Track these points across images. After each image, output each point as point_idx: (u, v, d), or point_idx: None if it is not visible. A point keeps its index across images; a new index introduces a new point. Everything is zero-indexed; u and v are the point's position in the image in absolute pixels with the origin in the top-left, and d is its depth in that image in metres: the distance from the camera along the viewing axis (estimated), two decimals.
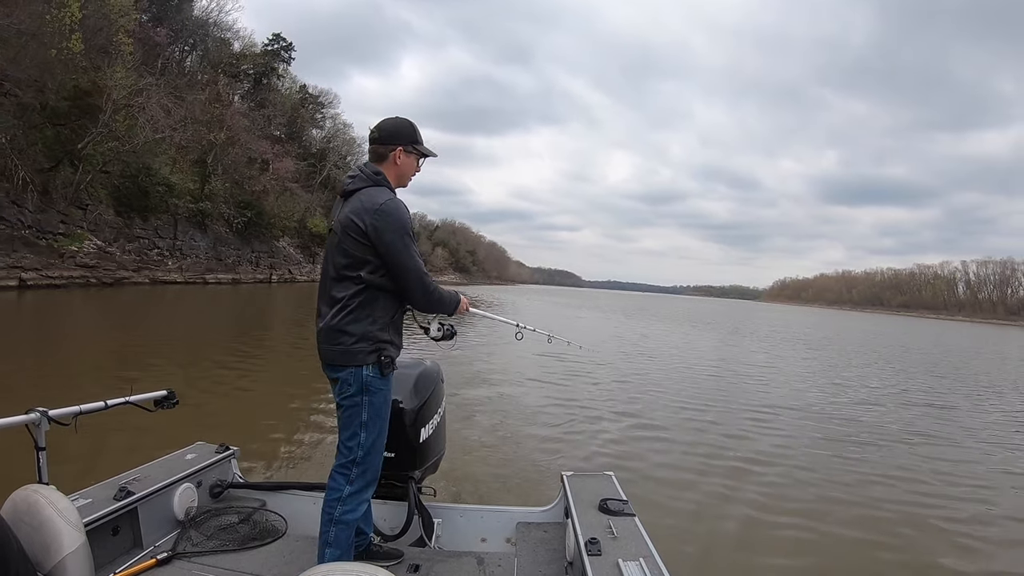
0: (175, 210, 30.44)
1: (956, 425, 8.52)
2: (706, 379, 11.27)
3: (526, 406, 7.52)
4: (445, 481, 3.98)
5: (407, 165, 2.12)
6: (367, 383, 1.96)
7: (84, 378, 7.62)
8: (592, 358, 12.11)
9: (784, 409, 8.52)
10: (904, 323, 74.53)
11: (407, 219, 1.99)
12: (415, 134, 2.12)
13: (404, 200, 2.08)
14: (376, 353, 1.96)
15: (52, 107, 23.10)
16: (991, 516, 4.80)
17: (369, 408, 1.98)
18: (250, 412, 6.33)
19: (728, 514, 4.42)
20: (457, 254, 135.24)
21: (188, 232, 31.55)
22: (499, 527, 2.57)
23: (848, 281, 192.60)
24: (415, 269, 1.98)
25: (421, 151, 2.15)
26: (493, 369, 10.29)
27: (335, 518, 1.97)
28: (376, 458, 2.04)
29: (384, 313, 2.00)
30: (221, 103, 36.48)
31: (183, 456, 2.62)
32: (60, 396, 5.39)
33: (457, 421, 5.80)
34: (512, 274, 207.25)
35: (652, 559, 1.77)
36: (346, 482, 1.99)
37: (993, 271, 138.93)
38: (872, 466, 5.90)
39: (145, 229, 28.66)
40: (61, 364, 8.46)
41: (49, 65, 20.83)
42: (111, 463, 3.28)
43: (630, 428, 6.80)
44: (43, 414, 1.77)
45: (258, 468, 4.42)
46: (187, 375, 8.00)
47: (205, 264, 32.29)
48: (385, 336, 1.99)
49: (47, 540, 1.49)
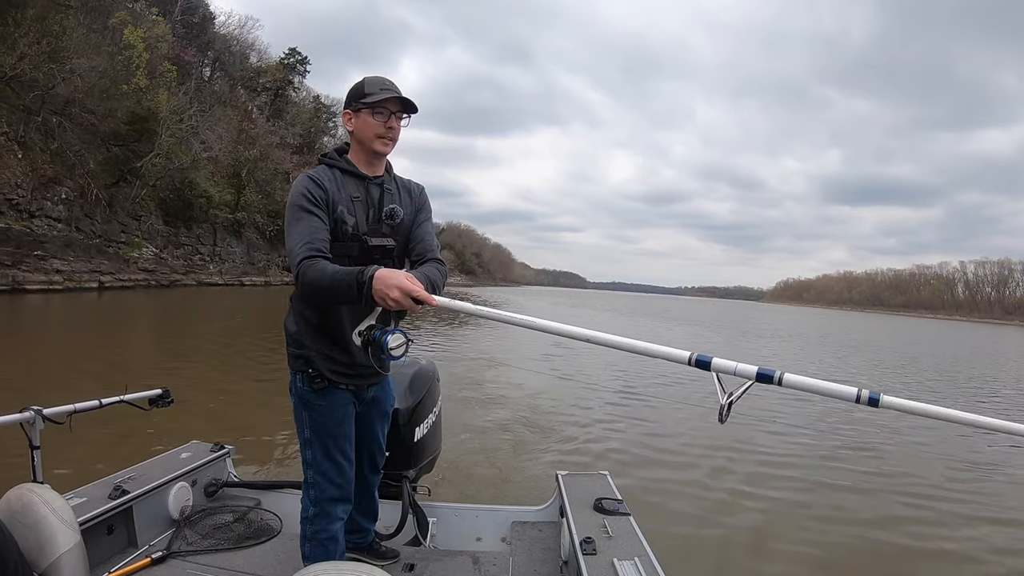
0: (214, 219, 33.72)
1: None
2: (704, 380, 11.96)
3: (523, 404, 7.54)
4: (440, 480, 3.88)
5: (361, 125, 1.70)
6: (301, 395, 1.75)
7: (138, 366, 8.81)
8: (593, 357, 12.40)
9: (785, 410, 8.51)
10: (907, 324, 74.94)
11: (296, 193, 1.63)
12: (360, 90, 1.69)
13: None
14: (301, 361, 1.71)
15: (114, 130, 26.39)
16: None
17: (309, 424, 1.76)
18: (247, 411, 6.31)
19: (725, 514, 4.41)
20: (463, 256, 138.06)
21: (225, 239, 34.86)
22: (494, 526, 2.56)
23: (849, 282, 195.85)
24: (289, 248, 1.57)
25: (369, 102, 1.66)
26: (490, 367, 10.30)
27: (308, 536, 1.86)
28: (333, 479, 1.80)
29: (308, 311, 1.72)
30: (250, 120, 39.75)
31: (178, 455, 2.60)
32: (136, 378, 6.59)
33: (453, 420, 5.78)
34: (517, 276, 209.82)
35: (647, 558, 1.75)
36: (310, 503, 1.84)
37: (990, 271, 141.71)
38: (873, 474, 5.70)
39: (189, 237, 31.92)
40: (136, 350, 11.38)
41: (118, 96, 24.06)
42: (106, 462, 3.32)
43: (629, 428, 6.82)
44: (37, 412, 1.74)
45: (253, 467, 4.38)
46: (194, 373, 8.24)
47: (241, 268, 35.63)
48: (307, 342, 1.71)
49: (42, 539, 1.49)
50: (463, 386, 8.24)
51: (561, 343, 11.90)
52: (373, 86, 1.69)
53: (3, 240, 18.78)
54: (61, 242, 21.60)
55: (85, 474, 2.56)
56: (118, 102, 24.82)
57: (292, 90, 57.25)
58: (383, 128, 1.70)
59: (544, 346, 12.92)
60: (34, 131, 21.91)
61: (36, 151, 21.99)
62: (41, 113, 21.80)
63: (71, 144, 23.07)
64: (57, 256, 21.04)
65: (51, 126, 22.26)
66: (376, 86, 1.69)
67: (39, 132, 22.19)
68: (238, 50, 48.62)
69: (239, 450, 3.01)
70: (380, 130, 1.70)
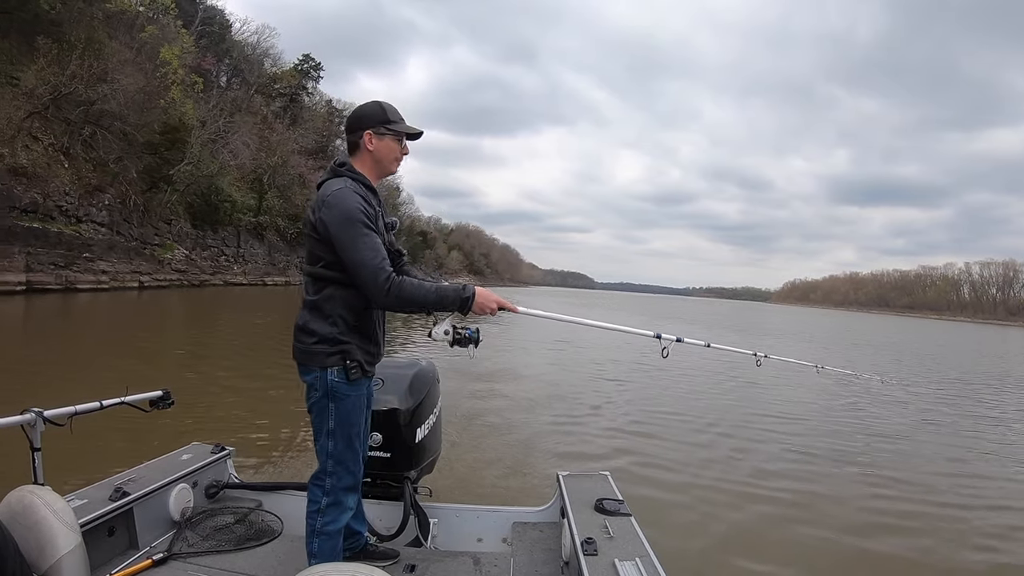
0: (238, 223, 35.70)
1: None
2: (707, 379, 11.08)
3: (523, 406, 7.60)
4: (441, 481, 3.91)
5: (383, 148, 1.91)
6: (332, 388, 1.86)
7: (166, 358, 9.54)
8: (595, 356, 12.50)
9: (788, 409, 8.56)
10: (915, 325, 75.06)
11: (353, 208, 1.78)
12: (383, 114, 1.92)
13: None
14: (339, 355, 1.85)
15: (149, 140, 28.25)
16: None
17: (336, 415, 1.88)
18: (246, 411, 6.33)
19: (726, 515, 4.42)
20: (471, 257, 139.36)
21: (248, 241, 36.87)
22: (495, 527, 2.57)
23: (855, 283, 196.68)
24: (363, 262, 1.76)
25: (395, 130, 1.92)
26: (490, 369, 10.39)
27: (317, 529, 1.91)
28: (350, 467, 1.95)
29: (347, 313, 1.86)
30: (270, 128, 41.62)
31: (179, 456, 2.61)
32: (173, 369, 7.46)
33: (453, 421, 5.76)
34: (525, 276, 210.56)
35: (648, 559, 1.76)
36: (322, 493, 1.92)
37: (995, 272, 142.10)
38: (880, 476, 5.71)
39: (215, 239, 33.88)
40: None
41: (154, 109, 25.95)
42: (107, 464, 3.36)
43: (629, 428, 6.88)
44: (38, 415, 1.75)
45: (254, 468, 4.41)
46: (202, 372, 8.44)
47: (263, 268, 37.65)
48: (346, 338, 1.86)
49: (43, 541, 1.50)
50: (464, 387, 8.27)
51: (563, 344, 12.68)
52: (395, 114, 1.94)
53: (56, 243, 20.61)
54: (105, 245, 23.48)
55: (86, 476, 2.62)
56: (154, 115, 26.67)
57: (306, 95, 58.99)
58: (400, 153, 1.97)
59: (544, 345, 13.47)
60: (78, 143, 23.77)
61: (80, 161, 23.84)
62: (85, 126, 23.65)
63: (112, 154, 24.93)
64: (103, 258, 22.94)
65: (95, 138, 24.11)
66: (397, 114, 1.94)
67: (82, 143, 24.05)
68: (254, 57, 50.15)
69: (240, 451, 3.04)
70: (398, 154, 1.96)
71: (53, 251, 20.33)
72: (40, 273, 19.41)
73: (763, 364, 2.80)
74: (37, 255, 19.44)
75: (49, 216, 20.84)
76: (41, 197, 20.46)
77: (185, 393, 5.01)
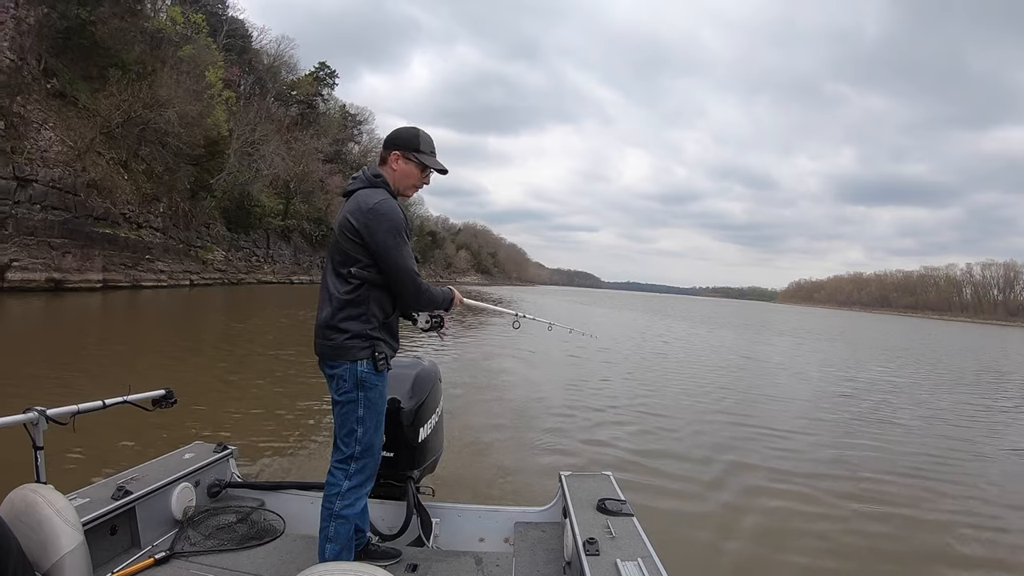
0: (267, 226, 39.06)
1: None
2: (707, 380, 11.10)
3: (525, 405, 7.63)
4: (443, 481, 3.81)
5: (404, 172, 2.09)
6: (362, 379, 1.98)
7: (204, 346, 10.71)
8: (596, 356, 12.80)
9: (790, 408, 8.56)
10: (919, 325, 75.36)
11: (400, 219, 1.98)
12: (415, 141, 2.08)
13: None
14: (370, 349, 1.99)
15: (194, 153, 31.55)
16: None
17: (365, 404, 2.00)
18: (248, 411, 6.39)
19: (729, 514, 4.42)
20: (479, 256, 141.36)
21: (276, 243, 40.33)
22: (497, 527, 2.58)
23: (859, 283, 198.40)
24: (407, 269, 1.98)
25: (422, 161, 2.09)
26: (492, 368, 10.47)
27: (335, 513, 2.00)
28: (374, 454, 2.06)
29: (378, 311, 2.02)
30: (293, 137, 44.93)
31: (181, 456, 2.63)
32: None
33: (456, 420, 5.74)
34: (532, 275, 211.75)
35: (650, 559, 1.76)
36: (344, 477, 2.02)
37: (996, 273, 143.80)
38: (879, 479, 5.61)
39: (247, 242, 37.29)
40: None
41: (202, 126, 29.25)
42: (109, 462, 3.42)
43: (630, 428, 6.87)
44: (41, 413, 1.75)
45: (256, 467, 4.43)
46: (207, 371, 8.59)
47: (290, 268, 41.11)
48: (377, 334, 2.02)
49: (45, 539, 1.50)
50: (465, 387, 8.33)
51: (568, 346, 13.62)
52: (428, 145, 2.12)
53: (124, 247, 23.89)
54: (162, 248, 26.81)
55: (88, 474, 2.55)
56: (199, 131, 29.94)
57: (321, 101, 61.70)
58: (420, 181, 2.15)
59: (545, 348, 13.57)
60: (133, 157, 27.01)
61: (136, 173, 27.09)
62: (142, 143, 26.89)
63: (162, 165, 28.18)
64: (160, 259, 26.30)
65: (148, 152, 27.36)
66: (429, 146, 2.12)
67: (136, 157, 27.29)
68: (275, 67, 52.32)
69: (242, 451, 3.05)
70: (417, 182, 2.14)
71: (122, 253, 23.64)
72: (114, 272, 22.74)
73: (521, 326, 2.98)
74: (111, 257, 22.76)
75: (116, 223, 24.08)
76: (111, 206, 23.69)
77: (186, 393, 4.93)
